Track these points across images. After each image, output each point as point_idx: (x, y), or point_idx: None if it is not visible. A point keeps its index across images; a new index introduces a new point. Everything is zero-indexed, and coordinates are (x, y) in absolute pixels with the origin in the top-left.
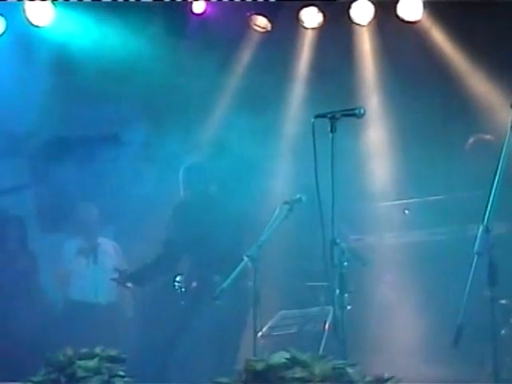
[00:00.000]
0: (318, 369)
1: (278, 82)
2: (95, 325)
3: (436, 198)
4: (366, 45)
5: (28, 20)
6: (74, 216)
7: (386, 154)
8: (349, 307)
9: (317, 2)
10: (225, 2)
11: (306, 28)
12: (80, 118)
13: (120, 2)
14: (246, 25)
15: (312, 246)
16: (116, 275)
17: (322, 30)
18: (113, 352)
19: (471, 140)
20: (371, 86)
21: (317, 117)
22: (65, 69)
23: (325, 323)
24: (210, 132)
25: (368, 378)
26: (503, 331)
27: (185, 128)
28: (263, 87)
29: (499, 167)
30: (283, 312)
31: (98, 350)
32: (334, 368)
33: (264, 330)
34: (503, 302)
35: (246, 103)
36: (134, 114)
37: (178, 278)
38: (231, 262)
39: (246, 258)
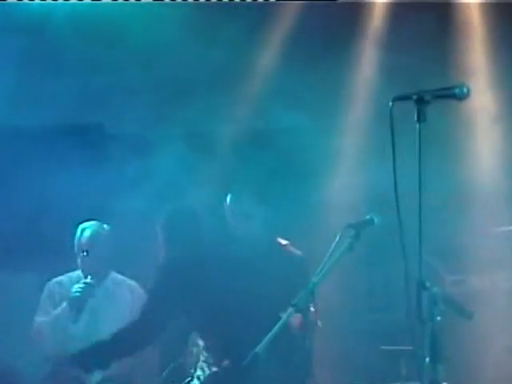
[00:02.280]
0: None
1: (338, 56)
2: None
3: None
4: None
5: None
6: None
7: (496, 151)
8: None
9: None
10: None
11: None
12: (54, 100)
13: None
14: None
15: (388, 290)
16: None
17: None
18: None
19: None
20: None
21: (396, 99)
22: (29, 30)
23: None
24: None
25: None
26: None
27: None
28: (317, 64)
29: None
30: None
31: None
32: None
33: None
34: None
35: (291, 81)
36: (129, 95)
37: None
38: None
39: (290, 309)
